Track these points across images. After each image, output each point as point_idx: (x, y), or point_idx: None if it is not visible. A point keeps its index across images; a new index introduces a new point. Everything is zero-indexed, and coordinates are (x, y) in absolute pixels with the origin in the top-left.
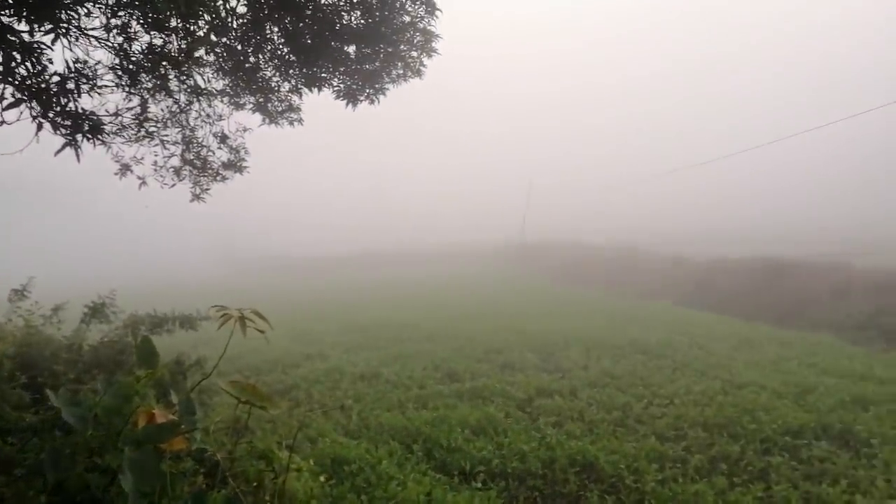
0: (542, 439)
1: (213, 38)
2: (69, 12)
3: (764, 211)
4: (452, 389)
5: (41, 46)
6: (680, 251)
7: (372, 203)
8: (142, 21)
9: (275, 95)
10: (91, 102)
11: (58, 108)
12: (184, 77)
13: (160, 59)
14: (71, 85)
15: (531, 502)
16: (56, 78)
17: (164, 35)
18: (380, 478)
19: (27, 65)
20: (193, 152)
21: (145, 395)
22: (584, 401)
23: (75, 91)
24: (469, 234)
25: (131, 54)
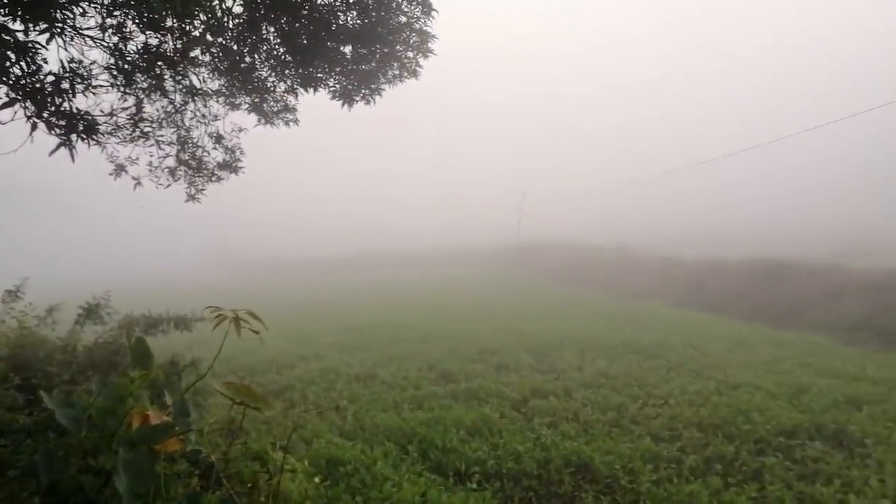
0: (538, 440)
1: (209, 38)
2: (64, 12)
3: (764, 212)
4: (447, 390)
5: (36, 46)
6: (679, 253)
7: (367, 205)
8: (137, 21)
9: (270, 96)
10: (86, 102)
11: (52, 108)
12: (179, 77)
13: (156, 59)
14: (66, 85)
15: (526, 503)
16: (51, 78)
17: (160, 35)
18: (375, 479)
19: (22, 64)
20: (189, 153)
21: (140, 397)
22: (580, 401)
23: (70, 91)
24: (467, 235)
25: (127, 54)
